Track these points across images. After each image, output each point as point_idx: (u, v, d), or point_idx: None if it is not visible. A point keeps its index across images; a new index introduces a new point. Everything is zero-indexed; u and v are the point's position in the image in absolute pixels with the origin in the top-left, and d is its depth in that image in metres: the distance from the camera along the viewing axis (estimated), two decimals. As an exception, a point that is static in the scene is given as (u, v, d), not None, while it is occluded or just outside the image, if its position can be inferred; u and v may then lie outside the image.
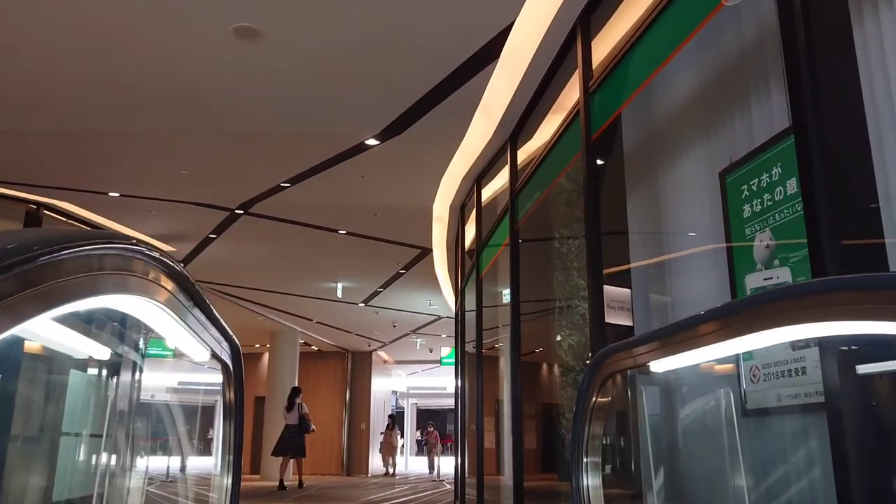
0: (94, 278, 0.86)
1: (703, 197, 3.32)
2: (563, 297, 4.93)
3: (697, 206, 3.35)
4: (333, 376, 19.75)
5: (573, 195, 4.97)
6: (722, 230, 3.12)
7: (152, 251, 1.10)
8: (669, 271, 3.46)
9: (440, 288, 12.10)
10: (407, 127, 5.65)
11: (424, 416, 45.69)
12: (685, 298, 3.33)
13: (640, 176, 3.66)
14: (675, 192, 3.44)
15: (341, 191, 7.63)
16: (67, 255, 0.76)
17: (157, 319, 1.26)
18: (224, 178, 7.38)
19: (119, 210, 8.52)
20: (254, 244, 9.94)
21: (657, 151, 3.55)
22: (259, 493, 10.65)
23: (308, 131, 5.96)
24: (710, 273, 3.27)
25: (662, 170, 3.52)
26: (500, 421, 8.42)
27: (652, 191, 3.60)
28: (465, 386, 8.76)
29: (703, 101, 3.32)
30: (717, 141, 3.25)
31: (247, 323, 15.43)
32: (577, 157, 3.86)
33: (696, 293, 3.28)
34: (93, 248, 0.85)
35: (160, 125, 5.93)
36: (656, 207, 3.57)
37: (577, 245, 4.95)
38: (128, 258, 0.98)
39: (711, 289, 3.25)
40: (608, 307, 3.66)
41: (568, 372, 4.78)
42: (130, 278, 0.98)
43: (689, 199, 3.38)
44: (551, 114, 4.91)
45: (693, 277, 3.33)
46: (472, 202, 7.44)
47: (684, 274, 3.38)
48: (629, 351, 2.39)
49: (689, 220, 3.39)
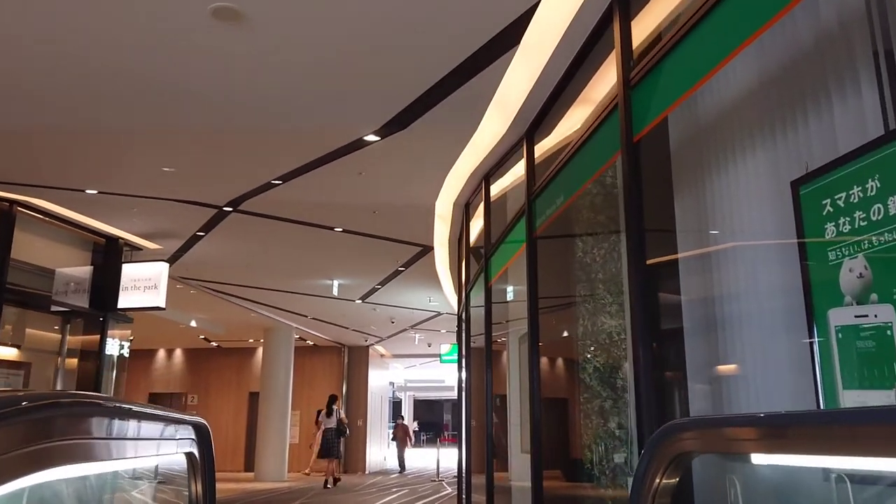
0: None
1: (767, 210, 2.79)
2: (586, 313, 4.41)
3: (760, 221, 2.82)
4: (329, 371, 19.26)
5: (598, 199, 4.43)
6: (794, 251, 2.59)
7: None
8: (726, 297, 2.93)
9: (441, 284, 11.60)
10: (411, 122, 5.09)
11: (422, 406, 45.47)
12: (748, 331, 2.81)
13: (691, 183, 3.12)
14: (734, 202, 2.91)
15: (338, 188, 7.08)
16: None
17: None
18: (210, 176, 6.81)
19: (98, 207, 7.96)
20: (245, 242, 9.39)
21: (712, 154, 3.01)
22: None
23: (300, 127, 5.39)
24: (777, 301, 2.75)
25: (717, 175, 2.98)
26: (507, 418, 7.97)
27: (705, 200, 3.06)
28: (470, 386, 8.27)
29: (769, 97, 2.77)
30: (786, 144, 2.71)
31: (239, 319, 14.90)
32: (613, 159, 3.32)
33: (762, 327, 2.75)
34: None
35: (138, 120, 5.36)
36: (711, 219, 3.04)
37: (602, 255, 4.42)
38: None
39: (780, 320, 2.73)
40: None
41: (593, 399, 4.26)
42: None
43: (750, 213, 2.84)
44: (575, 106, 4.36)
45: (757, 306, 2.80)
46: (477, 200, 6.91)
47: (746, 301, 2.85)
48: (716, 430, 1.85)
49: (750, 238, 2.86)
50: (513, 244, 5.15)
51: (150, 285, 8.89)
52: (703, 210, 3.06)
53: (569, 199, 3.91)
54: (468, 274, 7.99)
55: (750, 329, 2.79)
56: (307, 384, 18.97)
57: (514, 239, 5.13)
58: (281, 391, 16.17)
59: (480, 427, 8.11)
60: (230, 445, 18.84)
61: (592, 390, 4.29)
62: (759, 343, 2.75)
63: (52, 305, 8.69)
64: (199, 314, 14.82)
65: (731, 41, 2.46)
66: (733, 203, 2.91)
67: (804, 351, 2.50)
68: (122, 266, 9.09)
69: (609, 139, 3.33)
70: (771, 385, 2.68)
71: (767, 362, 2.72)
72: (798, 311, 2.52)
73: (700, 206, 3.07)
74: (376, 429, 19.55)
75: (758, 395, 2.73)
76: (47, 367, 8.88)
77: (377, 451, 18.25)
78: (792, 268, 2.58)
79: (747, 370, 2.77)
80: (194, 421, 1.55)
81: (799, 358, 2.57)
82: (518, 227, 4.96)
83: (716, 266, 2.99)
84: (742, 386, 2.77)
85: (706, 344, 2.97)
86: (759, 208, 2.82)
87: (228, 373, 19.39)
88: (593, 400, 4.26)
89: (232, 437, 18.87)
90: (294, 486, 13.50)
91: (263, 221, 8.31)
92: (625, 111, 3.09)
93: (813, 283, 2.49)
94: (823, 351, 2.39)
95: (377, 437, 18.69)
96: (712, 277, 3.00)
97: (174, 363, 19.73)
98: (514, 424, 8.01)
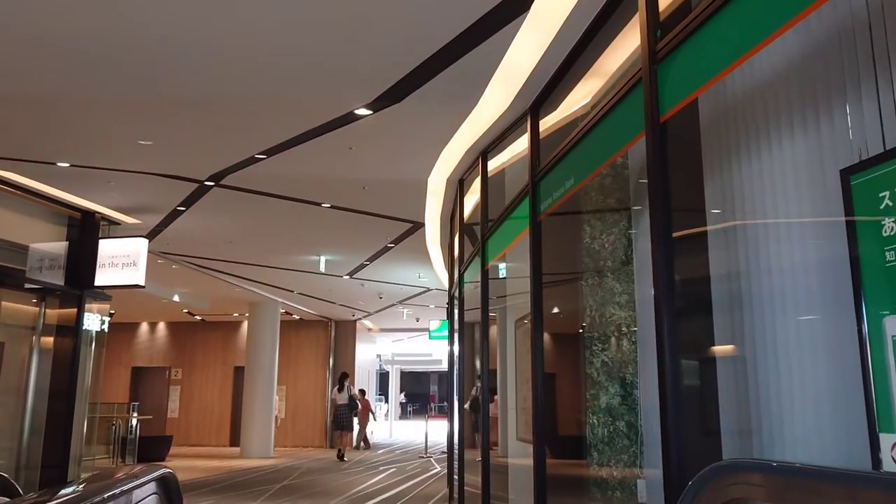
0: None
1: (812, 201, 2.50)
2: (594, 303, 4.12)
3: (802, 213, 2.52)
4: (316, 346, 18.98)
5: (607, 181, 4.13)
6: (842, 248, 2.30)
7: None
8: (758, 295, 2.64)
9: (431, 261, 11.30)
10: (406, 95, 4.72)
11: (409, 378, 45.44)
12: (784, 335, 2.52)
13: (724, 168, 2.81)
14: (773, 192, 2.61)
15: (326, 163, 6.71)
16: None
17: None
18: (189, 149, 6.41)
19: (72, 181, 7.54)
20: (228, 217, 9.01)
21: (750, 137, 2.70)
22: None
23: (286, 99, 5.01)
24: (820, 306, 2.46)
25: (755, 160, 2.68)
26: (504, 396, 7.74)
27: (739, 188, 2.76)
28: (463, 367, 8.02)
29: (814, 75, 2.46)
30: (832, 129, 2.41)
31: (223, 293, 14.54)
32: (634, 141, 3.00)
33: (802, 334, 2.47)
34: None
35: (109, 89, 4.95)
36: (745, 209, 2.74)
37: (612, 242, 4.12)
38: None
39: (818, 327, 2.45)
40: (645, 276, 3.20)
41: (601, 394, 3.99)
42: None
43: (791, 204, 2.54)
44: (586, 80, 4.02)
45: (795, 307, 2.51)
46: (472, 175, 6.57)
47: (782, 299, 2.56)
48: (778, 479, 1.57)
49: (791, 231, 2.57)
50: (514, 227, 4.84)
51: (128, 262, 8.51)
52: (737, 198, 2.75)
53: (580, 182, 3.59)
54: (461, 251, 7.69)
55: (792, 330, 2.51)
56: (293, 359, 18.70)
57: (514, 221, 4.81)
58: (267, 366, 15.89)
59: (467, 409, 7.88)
60: (215, 421, 18.60)
61: (600, 385, 4.02)
62: (801, 347, 2.47)
63: (25, 283, 8.31)
64: (181, 288, 14.45)
65: (781, 13, 2.13)
66: (772, 193, 2.61)
67: (848, 357, 2.23)
68: (98, 242, 8.70)
69: (630, 118, 3.01)
70: (808, 383, 2.40)
71: (804, 361, 2.44)
72: (845, 314, 2.24)
73: (734, 193, 2.77)
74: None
75: (791, 390, 2.46)
76: (22, 345, 8.52)
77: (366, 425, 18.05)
78: (838, 268, 2.30)
79: (781, 363, 2.49)
80: (159, 475, 1.41)
81: (842, 365, 2.29)
82: (520, 208, 4.64)
83: (752, 259, 2.70)
84: (774, 378, 2.50)
85: (733, 332, 2.69)
86: (801, 199, 2.52)
87: (213, 347, 19.07)
88: (600, 397, 4.00)
89: (217, 412, 18.63)
90: (280, 464, 13.29)
91: (247, 196, 7.94)
92: (650, 88, 2.76)
93: (865, 285, 2.20)
94: (878, 365, 2.11)
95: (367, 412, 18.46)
96: (747, 271, 2.71)
97: (157, 337, 19.37)
98: (510, 409, 7.80)
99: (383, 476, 11.19)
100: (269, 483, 10.06)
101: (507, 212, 4.99)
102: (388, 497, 8.74)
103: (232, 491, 9.17)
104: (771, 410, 2.54)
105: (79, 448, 8.61)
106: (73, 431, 8.44)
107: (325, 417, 18.36)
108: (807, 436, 2.42)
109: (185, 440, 18.17)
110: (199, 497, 8.62)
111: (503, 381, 7.68)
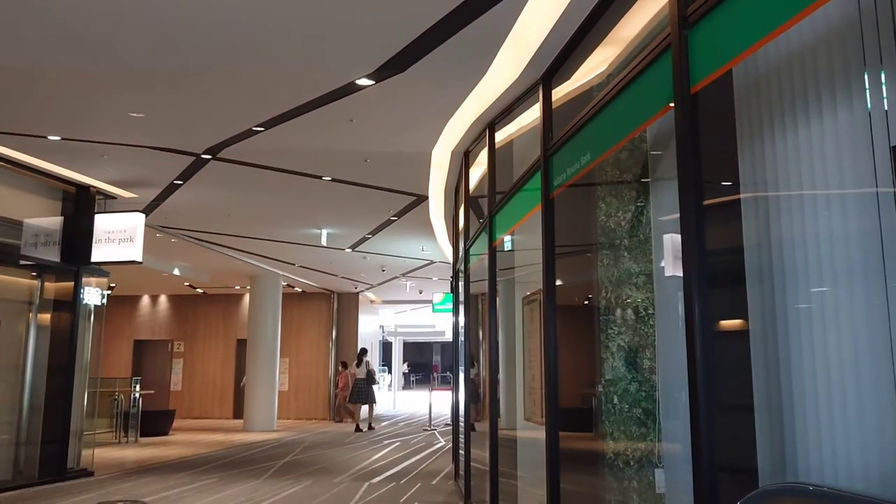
0: None
1: (855, 175, 2.28)
2: (609, 283, 3.91)
3: (843, 186, 2.31)
4: (318, 318, 18.86)
5: (623, 154, 3.89)
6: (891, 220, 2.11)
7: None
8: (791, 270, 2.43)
9: (435, 234, 11.09)
10: (410, 64, 4.46)
11: (412, 348, 45.50)
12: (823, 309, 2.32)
13: (760, 141, 2.58)
14: (814, 165, 2.39)
15: (326, 135, 6.46)
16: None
17: None
18: (184, 122, 6.16)
19: (64, 154, 7.32)
20: (227, 190, 8.78)
21: (795, 107, 2.47)
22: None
23: (284, 69, 4.75)
24: (862, 281, 2.26)
25: (789, 134, 2.45)
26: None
27: (776, 162, 2.53)
28: (468, 341, 7.86)
29: (871, 41, 2.22)
30: (882, 102, 2.18)
31: (224, 266, 14.36)
32: (660, 113, 2.77)
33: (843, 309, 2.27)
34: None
35: (98, 59, 4.69)
36: (781, 182, 2.51)
37: (629, 219, 3.90)
38: None
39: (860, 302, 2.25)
40: (674, 257, 3.10)
41: (617, 381, 3.81)
42: None
43: (832, 178, 2.32)
44: (603, 47, 3.77)
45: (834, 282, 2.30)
46: (479, 147, 6.33)
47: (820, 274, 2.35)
48: None
49: (831, 204, 2.35)
50: (523, 203, 4.62)
51: (125, 238, 8.31)
52: (776, 175, 2.53)
53: (598, 158, 3.36)
54: (466, 225, 7.47)
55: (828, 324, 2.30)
56: (296, 332, 18.60)
57: (524, 197, 4.59)
58: (269, 339, 15.78)
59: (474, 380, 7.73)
60: (218, 393, 18.56)
61: (618, 371, 3.84)
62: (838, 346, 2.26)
63: (20, 259, 8.12)
64: (181, 262, 14.27)
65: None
66: (811, 167, 2.39)
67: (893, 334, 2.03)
68: (94, 216, 8.49)
69: (655, 89, 2.77)
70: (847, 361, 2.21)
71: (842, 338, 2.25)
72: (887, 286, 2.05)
73: (771, 170, 2.54)
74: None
75: (828, 370, 2.27)
76: (18, 322, 8.37)
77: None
78: (884, 241, 2.09)
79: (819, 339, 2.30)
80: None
81: (884, 342, 2.09)
82: (530, 184, 4.42)
83: (785, 233, 2.48)
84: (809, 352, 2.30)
85: (763, 307, 2.48)
86: (844, 173, 2.29)
87: (215, 319, 18.96)
88: (617, 382, 3.81)
89: (220, 384, 18.58)
90: (283, 438, 13.24)
91: (246, 170, 7.71)
92: (679, 56, 2.53)
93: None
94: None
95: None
96: (779, 244, 2.50)
97: (159, 310, 19.25)
98: (518, 385, 7.63)
99: (387, 451, 11.11)
100: (271, 459, 9.98)
101: (516, 187, 4.77)
102: (391, 474, 8.64)
103: (234, 468, 9.08)
104: (805, 389, 2.35)
105: (79, 423, 8.51)
106: (72, 406, 8.33)
107: (328, 390, 18.32)
108: (845, 416, 2.23)
109: (189, 413, 18.15)
110: (201, 475, 8.53)
111: (509, 359, 7.51)
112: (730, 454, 2.61)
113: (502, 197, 5.19)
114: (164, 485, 7.68)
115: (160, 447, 11.58)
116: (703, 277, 2.38)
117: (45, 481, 7.80)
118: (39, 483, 7.74)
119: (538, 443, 4.51)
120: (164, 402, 17.67)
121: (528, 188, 4.46)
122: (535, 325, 6.57)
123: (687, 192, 2.43)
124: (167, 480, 7.99)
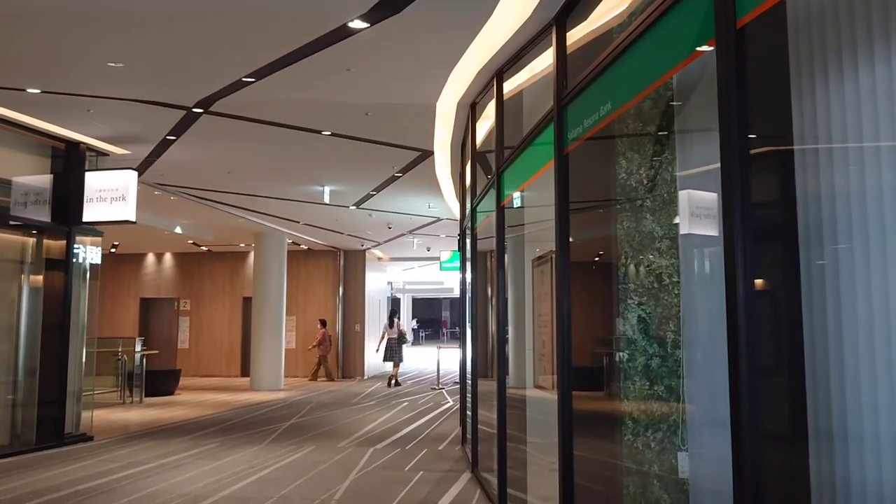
0: None
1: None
2: (630, 249, 3.53)
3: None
4: (325, 276, 18.60)
5: (645, 105, 3.47)
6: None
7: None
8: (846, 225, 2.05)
9: (441, 190, 10.68)
10: (406, 4, 4.01)
11: (421, 304, 45.47)
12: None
13: (813, 81, 2.18)
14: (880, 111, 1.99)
15: (322, 86, 6.04)
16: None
17: None
18: (168, 73, 5.75)
19: (48, 108, 6.93)
20: (223, 146, 8.38)
21: (844, 46, 2.06)
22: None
23: (270, 10, 4.31)
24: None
25: (848, 78, 2.05)
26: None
27: (831, 110, 2.13)
28: (476, 298, 7.54)
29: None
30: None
31: (227, 224, 14.03)
32: (696, 55, 2.35)
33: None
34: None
35: (72, 3, 4.27)
36: (836, 133, 2.12)
37: (651, 177, 3.50)
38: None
39: None
40: (692, 215, 2.92)
41: (638, 355, 3.46)
42: None
43: None
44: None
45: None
46: (486, 99, 5.89)
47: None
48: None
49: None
50: (534, 158, 4.21)
51: (117, 196, 7.96)
52: (832, 124, 2.13)
53: (621, 107, 2.95)
54: (473, 181, 7.07)
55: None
56: (302, 289, 18.36)
57: (535, 152, 4.18)
58: (275, 298, 15.54)
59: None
60: (225, 351, 18.45)
61: (637, 344, 3.49)
62: None
63: (10, 220, 7.81)
64: (182, 220, 13.95)
65: None
66: (882, 114, 2.00)
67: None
68: (85, 174, 8.13)
69: (690, 24, 2.35)
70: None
71: None
72: None
73: (827, 119, 2.14)
74: (375, 332, 19.06)
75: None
76: (11, 283, 8.09)
77: (377, 355, 17.79)
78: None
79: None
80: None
81: None
82: (542, 138, 4.01)
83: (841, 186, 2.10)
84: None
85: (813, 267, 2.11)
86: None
87: (221, 277, 18.74)
88: (637, 357, 3.47)
89: (227, 343, 18.45)
90: (290, 398, 13.08)
91: (242, 124, 7.30)
92: (722, -19, 2.10)
93: None
94: None
95: (376, 341, 18.18)
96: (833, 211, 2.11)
97: (164, 268, 19.03)
98: (527, 349, 7.33)
99: (394, 412, 10.92)
100: (276, 421, 9.79)
101: (526, 141, 4.35)
102: (397, 439, 8.42)
103: (237, 431, 8.89)
104: (859, 354, 1.99)
105: (76, 384, 8.30)
106: (69, 367, 8.11)
107: (337, 347, 18.17)
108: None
109: (196, 371, 18.08)
110: (205, 438, 8.34)
111: (518, 321, 7.18)
112: (776, 447, 2.27)
113: (511, 152, 4.79)
114: (164, 451, 7.48)
115: (164, 408, 11.43)
116: (747, 240, 2.00)
117: (42, 447, 7.62)
118: (37, 449, 7.56)
119: (549, 404, 4.20)
120: (171, 360, 17.58)
121: (540, 142, 4.06)
122: (545, 287, 6.22)
123: (730, 143, 2.03)
124: (167, 446, 7.80)
